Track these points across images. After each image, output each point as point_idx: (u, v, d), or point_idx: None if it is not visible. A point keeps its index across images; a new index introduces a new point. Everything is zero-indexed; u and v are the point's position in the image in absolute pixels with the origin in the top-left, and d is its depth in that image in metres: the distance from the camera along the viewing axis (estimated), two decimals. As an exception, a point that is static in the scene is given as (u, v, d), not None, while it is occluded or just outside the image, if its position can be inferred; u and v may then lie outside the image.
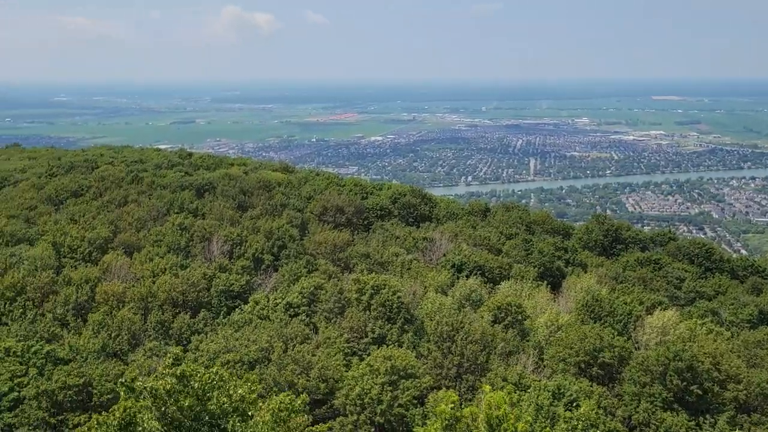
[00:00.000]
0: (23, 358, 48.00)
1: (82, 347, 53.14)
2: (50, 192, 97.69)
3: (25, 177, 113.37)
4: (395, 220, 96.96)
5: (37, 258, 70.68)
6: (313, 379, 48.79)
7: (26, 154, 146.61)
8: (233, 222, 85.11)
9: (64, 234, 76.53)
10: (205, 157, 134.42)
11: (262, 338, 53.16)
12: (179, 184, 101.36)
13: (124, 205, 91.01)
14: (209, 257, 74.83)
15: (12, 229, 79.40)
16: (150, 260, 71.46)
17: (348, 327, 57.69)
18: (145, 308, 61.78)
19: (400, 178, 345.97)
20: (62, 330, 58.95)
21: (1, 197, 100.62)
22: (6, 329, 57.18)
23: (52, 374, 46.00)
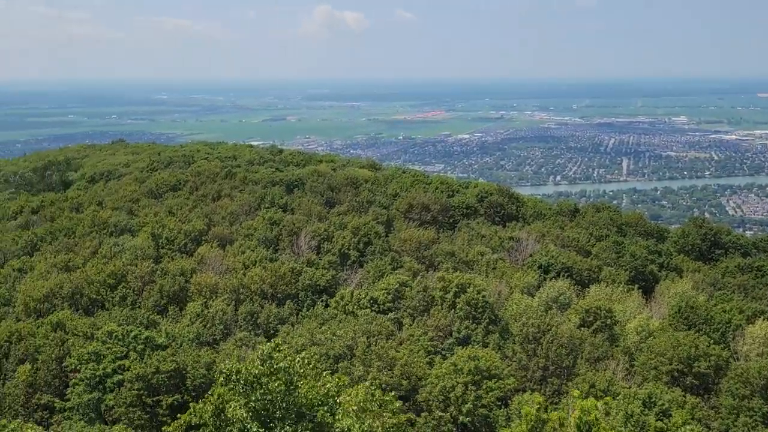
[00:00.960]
0: (124, 342, 50.70)
1: (178, 334, 55.69)
2: (151, 186, 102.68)
3: (128, 171, 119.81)
4: (481, 218, 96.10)
5: (138, 248, 74.58)
6: (396, 375, 49.08)
7: (130, 149, 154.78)
8: (321, 218, 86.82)
9: (163, 226, 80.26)
10: (295, 153, 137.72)
11: (347, 333, 53.93)
12: (270, 179, 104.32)
13: (218, 199, 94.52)
14: (297, 251, 76.64)
15: (116, 220, 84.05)
16: (241, 253, 73.92)
17: (432, 325, 57.73)
18: (237, 299, 63.97)
19: (487, 177, 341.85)
20: (160, 317, 62.05)
21: (107, 190, 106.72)
22: (108, 314, 60.71)
23: (150, 359, 48.38)
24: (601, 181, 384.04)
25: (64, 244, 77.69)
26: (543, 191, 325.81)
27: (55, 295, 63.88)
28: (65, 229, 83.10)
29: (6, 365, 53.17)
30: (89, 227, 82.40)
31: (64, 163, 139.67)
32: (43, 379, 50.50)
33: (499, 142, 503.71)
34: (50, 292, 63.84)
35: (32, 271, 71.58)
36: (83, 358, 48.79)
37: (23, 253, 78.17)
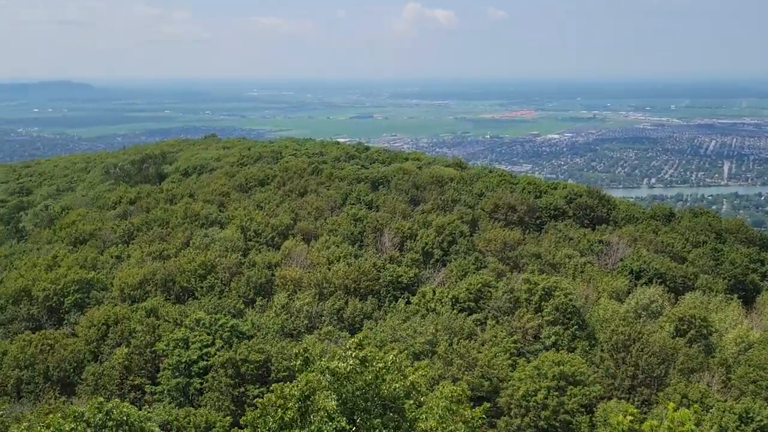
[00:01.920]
0: (211, 330, 52.19)
1: (263, 325, 56.89)
2: (240, 180, 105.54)
3: (219, 165, 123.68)
4: (569, 220, 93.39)
5: (227, 240, 76.73)
6: (476, 376, 48.29)
7: (221, 144, 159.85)
8: (405, 215, 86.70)
9: (251, 219, 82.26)
10: (381, 151, 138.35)
11: (428, 331, 53.52)
12: (356, 176, 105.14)
13: (304, 194, 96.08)
14: (380, 248, 76.80)
15: (207, 213, 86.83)
16: (326, 248, 74.76)
17: (517, 327, 56.48)
18: (320, 293, 64.72)
19: (577, 178, 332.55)
20: (246, 308, 63.63)
21: (199, 183, 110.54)
22: (197, 303, 62.77)
23: (237, 347, 49.57)
24: (699, 185, 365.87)
25: (158, 234, 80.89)
26: (636, 194, 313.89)
27: (149, 282, 66.64)
28: (159, 219, 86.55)
29: (104, 347, 55.85)
30: (182, 218, 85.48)
31: (160, 157, 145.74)
32: (137, 362, 52.72)
33: (590, 142, 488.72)
34: (144, 279, 66.64)
35: (128, 258, 74.92)
36: (172, 344, 50.53)
37: (121, 242, 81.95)
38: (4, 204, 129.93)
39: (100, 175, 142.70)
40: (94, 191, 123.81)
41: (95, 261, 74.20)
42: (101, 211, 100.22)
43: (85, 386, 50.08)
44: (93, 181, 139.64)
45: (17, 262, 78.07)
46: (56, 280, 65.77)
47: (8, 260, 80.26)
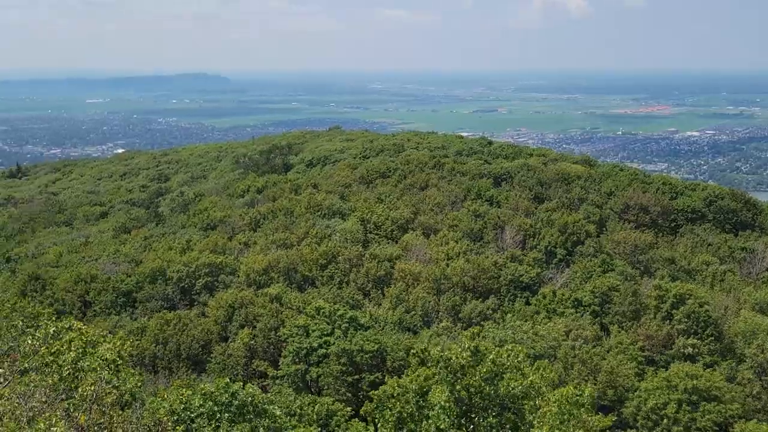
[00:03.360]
0: (330, 319, 53.09)
1: (381, 317, 57.26)
2: (362, 172, 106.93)
3: (342, 157, 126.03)
4: (708, 225, 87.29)
5: (348, 231, 77.94)
6: (600, 383, 46.08)
7: (345, 136, 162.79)
8: (528, 213, 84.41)
9: (372, 212, 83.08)
10: (505, 146, 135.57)
11: (549, 333, 51.75)
12: (478, 171, 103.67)
13: (425, 188, 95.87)
14: (501, 246, 75.20)
15: (329, 204, 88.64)
16: (445, 243, 74.16)
17: (644, 334, 53.42)
18: (438, 289, 64.28)
19: (718, 179, 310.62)
20: (364, 299, 64.37)
21: (323, 174, 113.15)
22: (317, 292, 64.22)
23: (354, 337, 50.16)
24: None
25: (283, 223, 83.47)
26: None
27: (273, 269, 68.87)
28: (284, 209, 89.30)
29: (230, 328, 58.36)
30: (305, 208, 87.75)
31: (286, 147, 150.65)
32: (260, 345, 54.64)
33: (735, 141, 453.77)
34: (269, 266, 68.94)
35: (254, 245, 77.81)
36: (294, 331, 51.85)
37: (248, 229, 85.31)
38: (145, 189, 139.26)
39: (231, 164, 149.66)
40: (225, 179, 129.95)
41: (224, 246, 77.63)
42: (231, 199, 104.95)
43: (213, 365, 52.50)
44: (224, 169, 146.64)
45: (155, 244, 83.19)
46: (189, 263, 69.44)
47: (147, 242, 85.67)
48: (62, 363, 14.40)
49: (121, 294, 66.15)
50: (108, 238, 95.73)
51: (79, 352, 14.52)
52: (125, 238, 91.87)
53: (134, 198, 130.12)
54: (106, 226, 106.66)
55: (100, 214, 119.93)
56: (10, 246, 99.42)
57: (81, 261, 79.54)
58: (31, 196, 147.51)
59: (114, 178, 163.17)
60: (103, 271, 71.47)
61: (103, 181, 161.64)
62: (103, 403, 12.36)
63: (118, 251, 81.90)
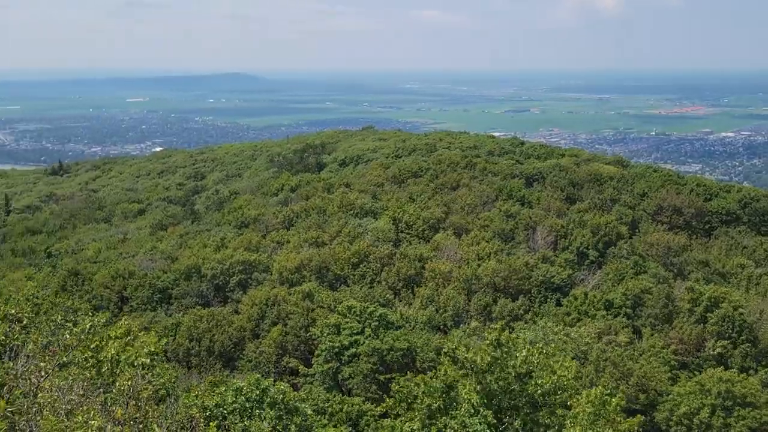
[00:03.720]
0: (361, 318, 53.56)
1: (411, 316, 57.59)
2: (394, 171, 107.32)
3: (375, 157, 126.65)
4: (744, 227, 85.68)
5: (379, 230, 78.39)
6: (632, 387, 45.75)
7: (378, 136, 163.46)
8: (560, 213, 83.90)
9: (403, 211, 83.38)
10: (537, 146, 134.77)
11: (581, 336, 51.49)
12: (509, 171, 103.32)
13: (456, 188, 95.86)
14: (533, 246, 74.95)
15: (361, 203, 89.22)
16: (476, 243, 74.14)
17: (676, 338, 52.85)
18: (469, 289, 64.35)
19: (753, 181, 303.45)
20: (394, 298, 64.73)
21: (355, 173, 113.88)
22: (348, 290, 64.76)
23: (384, 336, 50.55)
24: None
25: (315, 222, 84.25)
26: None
27: (305, 268, 69.62)
28: (317, 207, 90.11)
29: (262, 325, 59.26)
30: (338, 207, 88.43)
31: (320, 147, 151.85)
32: (291, 342, 55.38)
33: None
34: (301, 264, 69.70)
35: (287, 243, 78.70)
36: (326, 330, 52.43)
37: (281, 227, 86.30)
38: (182, 187, 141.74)
39: (265, 163, 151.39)
40: (259, 178, 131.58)
41: (258, 244, 78.71)
42: (265, 198, 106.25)
43: (245, 362, 53.41)
44: (258, 168, 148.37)
45: (190, 241, 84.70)
46: (223, 261, 70.57)
47: (183, 239, 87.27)
48: (101, 358, 14.77)
49: (157, 290, 67.56)
50: (145, 235, 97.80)
51: (116, 348, 14.99)
52: (162, 235, 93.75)
53: (171, 196, 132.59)
54: (143, 223, 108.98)
55: (137, 212, 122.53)
56: (52, 242, 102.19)
57: (119, 257, 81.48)
58: (72, 192, 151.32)
59: (152, 175, 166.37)
60: (140, 268, 73.07)
61: (141, 178, 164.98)
62: (139, 398, 12.66)
63: (154, 248, 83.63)
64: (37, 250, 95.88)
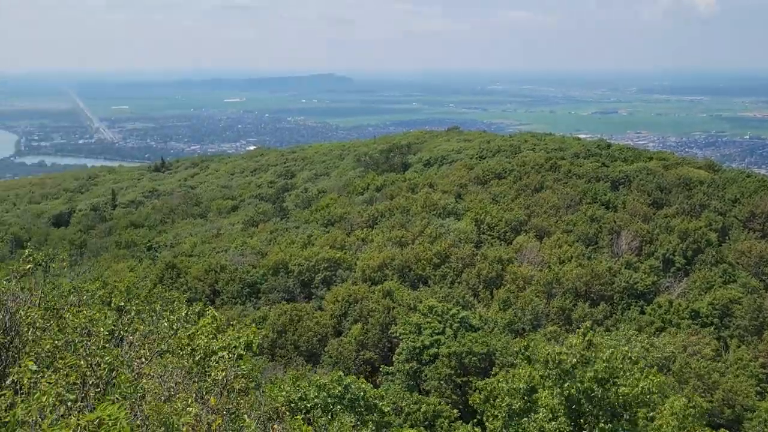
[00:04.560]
0: (442, 318, 54.41)
1: (490, 319, 58.07)
2: (478, 173, 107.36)
3: (459, 157, 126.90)
4: None
5: (462, 231, 79.02)
6: (716, 401, 44.72)
7: (462, 137, 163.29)
8: (646, 218, 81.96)
9: (486, 212, 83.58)
10: (624, 149, 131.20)
11: (664, 345, 50.66)
12: (594, 174, 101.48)
13: (539, 190, 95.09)
14: (616, 251, 73.76)
15: (444, 203, 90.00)
16: (558, 247, 73.66)
17: (766, 350, 51.12)
18: (549, 293, 64.16)
19: None
20: (474, 299, 65.27)
21: (440, 174, 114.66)
22: (429, 290, 65.78)
23: (463, 338, 51.24)
24: None
25: (399, 221, 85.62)
26: None
27: (387, 266, 71.03)
28: (401, 207, 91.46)
29: (344, 322, 61.26)
30: (421, 207, 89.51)
31: (405, 147, 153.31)
32: (372, 340, 57.00)
33: None
34: (383, 263, 71.14)
35: (371, 242, 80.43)
36: (406, 328, 53.58)
37: (366, 226, 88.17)
38: (273, 185, 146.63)
39: (352, 162, 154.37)
40: (346, 177, 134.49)
41: (343, 242, 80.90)
42: (350, 196, 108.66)
43: (327, 357, 55.43)
44: (346, 167, 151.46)
45: (279, 238, 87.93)
46: (309, 257, 72.98)
47: (272, 236, 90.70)
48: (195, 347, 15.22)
49: (246, 285, 70.55)
50: (237, 230, 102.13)
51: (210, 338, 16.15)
52: (252, 231, 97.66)
53: (262, 193, 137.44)
54: (236, 219, 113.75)
55: (231, 208, 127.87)
56: (152, 235, 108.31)
57: (212, 252, 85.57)
58: (172, 189, 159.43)
59: (245, 173, 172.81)
60: (232, 262, 76.51)
61: (235, 176, 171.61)
62: (231, 388, 12.88)
63: (245, 243, 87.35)
64: (138, 243, 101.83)
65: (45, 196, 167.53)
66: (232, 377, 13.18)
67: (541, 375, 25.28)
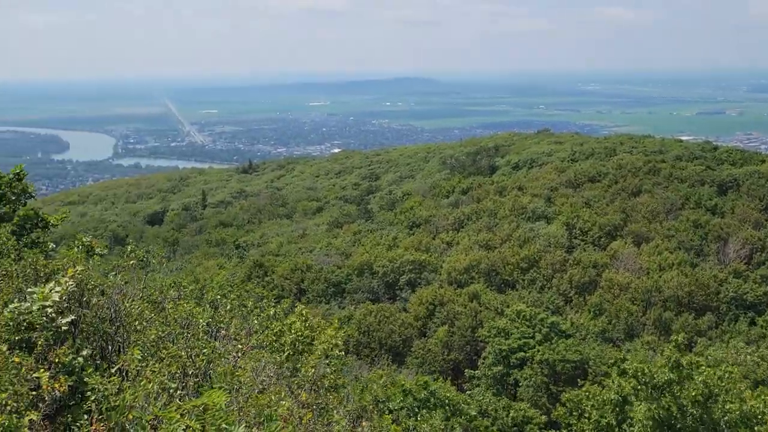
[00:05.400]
0: (531, 323, 52.41)
1: (582, 326, 55.40)
2: (570, 176, 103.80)
3: (550, 160, 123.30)
4: None
5: (552, 236, 76.27)
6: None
7: (553, 139, 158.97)
8: (757, 224, 76.40)
9: (578, 216, 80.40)
10: (732, 151, 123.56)
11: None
12: (699, 178, 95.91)
13: (637, 194, 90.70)
14: (723, 259, 68.96)
15: (534, 207, 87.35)
16: (658, 254, 69.69)
17: None
18: (647, 301, 60.66)
19: None
20: (565, 305, 62.64)
21: (529, 177, 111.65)
22: (517, 294, 63.68)
23: (554, 345, 49.06)
24: None
25: (486, 224, 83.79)
26: None
27: (473, 269, 69.45)
28: (488, 210, 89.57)
29: (429, 324, 60.05)
30: (509, 211, 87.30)
31: (493, 149, 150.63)
32: (457, 343, 55.57)
33: None
34: (469, 266, 69.64)
35: (457, 245, 79.03)
36: (493, 332, 51.97)
37: (451, 229, 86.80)
38: (357, 187, 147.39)
39: (438, 165, 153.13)
40: (431, 180, 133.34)
41: (428, 245, 79.79)
42: (436, 199, 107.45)
43: (412, 359, 54.37)
44: (431, 170, 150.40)
45: (363, 239, 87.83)
46: (394, 259, 72.38)
47: (356, 237, 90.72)
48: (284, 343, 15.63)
49: (332, 284, 70.76)
50: (322, 231, 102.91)
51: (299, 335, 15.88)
52: (337, 232, 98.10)
53: (347, 195, 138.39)
54: (321, 220, 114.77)
55: (316, 209, 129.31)
56: (240, 234, 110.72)
57: (298, 251, 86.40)
58: (259, 190, 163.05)
59: (330, 175, 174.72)
60: (317, 262, 76.92)
61: (320, 178, 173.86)
62: (321, 385, 13.24)
63: (330, 244, 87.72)
64: (227, 241, 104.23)
65: (140, 195, 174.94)
66: (321, 374, 13.54)
67: (633, 387, 23.76)
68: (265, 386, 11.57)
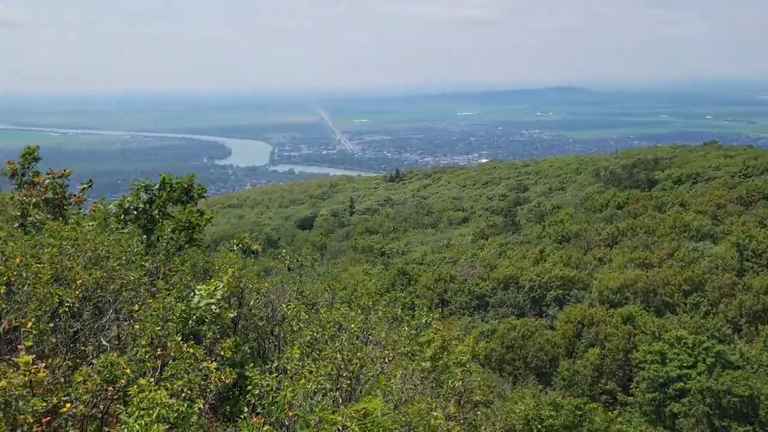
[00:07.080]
0: (693, 351, 48.39)
1: (754, 358, 50.33)
2: (741, 192, 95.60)
3: (718, 175, 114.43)
4: None
5: (719, 257, 70.30)
6: None
7: (722, 152, 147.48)
8: None
9: (750, 237, 73.49)
10: None
11: None
12: None
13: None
14: None
15: (699, 225, 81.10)
16: None
17: None
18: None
19: None
20: (733, 334, 57.31)
21: (693, 192, 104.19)
22: (677, 319, 59.09)
23: (720, 376, 44.96)
24: None
25: (643, 242, 78.97)
26: None
27: (628, 289, 65.46)
28: (646, 227, 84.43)
29: (578, 344, 57.27)
30: (669, 228, 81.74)
31: (652, 162, 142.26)
32: (609, 366, 52.48)
33: None
34: (624, 285, 65.75)
35: (610, 262, 75.11)
36: (649, 357, 48.57)
37: (604, 245, 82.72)
38: (504, 198, 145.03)
39: (590, 177, 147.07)
40: (583, 193, 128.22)
41: (578, 260, 76.49)
42: (587, 213, 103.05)
43: (559, 380, 52.07)
44: (583, 182, 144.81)
45: (509, 251, 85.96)
46: (541, 274, 70.04)
47: (502, 249, 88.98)
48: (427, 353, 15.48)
49: (475, 296, 69.75)
50: (467, 242, 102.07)
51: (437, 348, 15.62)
52: (482, 243, 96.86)
53: (493, 206, 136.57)
54: (466, 230, 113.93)
55: (461, 219, 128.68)
56: (385, 242, 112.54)
57: (442, 261, 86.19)
58: (405, 198, 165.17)
59: (476, 186, 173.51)
60: (461, 273, 76.24)
61: (466, 188, 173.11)
62: (468, 398, 13.02)
63: (475, 255, 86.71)
64: (373, 248, 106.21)
65: (293, 201, 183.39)
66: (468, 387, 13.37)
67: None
68: (411, 395, 11.49)
